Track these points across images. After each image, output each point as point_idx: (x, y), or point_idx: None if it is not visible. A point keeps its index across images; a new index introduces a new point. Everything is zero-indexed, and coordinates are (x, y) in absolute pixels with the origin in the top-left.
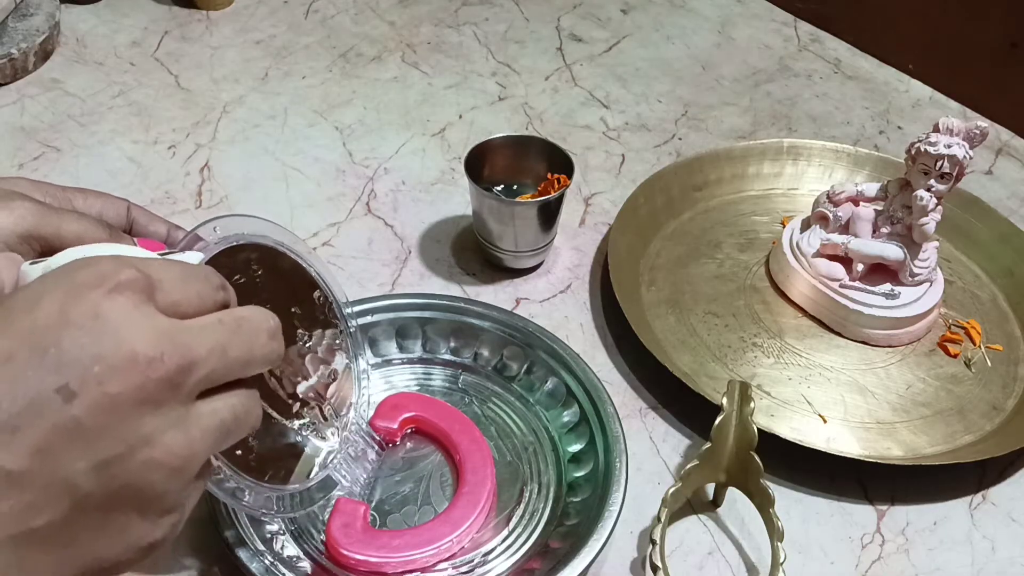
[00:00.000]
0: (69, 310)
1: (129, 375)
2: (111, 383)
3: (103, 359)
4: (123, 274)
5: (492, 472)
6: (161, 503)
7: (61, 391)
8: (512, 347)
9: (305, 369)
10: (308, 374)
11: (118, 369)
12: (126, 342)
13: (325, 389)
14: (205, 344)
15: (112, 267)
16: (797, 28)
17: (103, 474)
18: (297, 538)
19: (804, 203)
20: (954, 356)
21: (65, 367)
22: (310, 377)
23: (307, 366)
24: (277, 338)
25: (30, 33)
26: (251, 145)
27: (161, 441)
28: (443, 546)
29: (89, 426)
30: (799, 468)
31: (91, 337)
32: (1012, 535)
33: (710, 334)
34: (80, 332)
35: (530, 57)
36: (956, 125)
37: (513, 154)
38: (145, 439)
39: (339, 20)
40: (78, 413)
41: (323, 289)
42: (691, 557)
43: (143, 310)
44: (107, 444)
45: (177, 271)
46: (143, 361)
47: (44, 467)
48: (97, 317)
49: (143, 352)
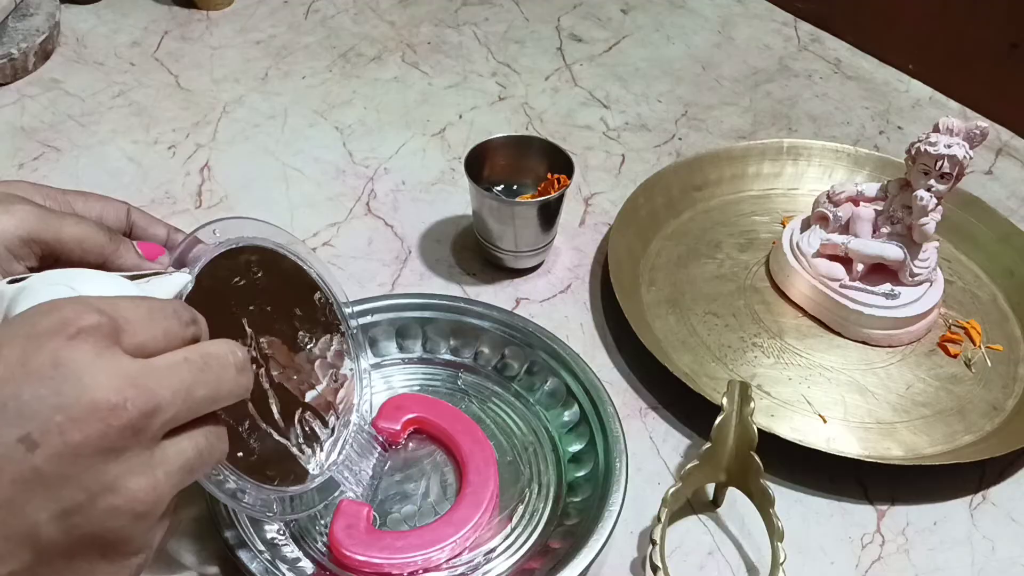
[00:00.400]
0: (29, 360)
1: (90, 424)
2: (72, 432)
3: (64, 409)
4: (84, 320)
5: (495, 473)
6: (126, 547)
7: (23, 440)
8: (512, 347)
9: (315, 375)
10: (318, 380)
11: (79, 419)
12: (87, 391)
13: (334, 395)
14: (170, 386)
15: (74, 313)
16: (797, 28)
17: (66, 523)
18: (299, 539)
19: (804, 203)
20: (954, 356)
21: (26, 418)
22: (319, 383)
23: (316, 372)
24: (245, 372)
25: (30, 33)
26: (251, 145)
27: (125, 487)
28: (446, 547)
29: (51, 476)
30: (799, 468)
31: (52, 387)
32: (1012, 535)
33: (710, 334)
34: (40, 382)
35: (530, 57)
36: (956, 125)
37: (513, 154)
38: (108, 486)
39: (339, 20)
40: (40, 463)
41: (324, 291)
42: (691, 557)
43: (105, 356)
44: (69, 493)
45: (143, 310)
46: (105, 409)
47: (6, 518)
48: (58, 366)
49: (104, 400)
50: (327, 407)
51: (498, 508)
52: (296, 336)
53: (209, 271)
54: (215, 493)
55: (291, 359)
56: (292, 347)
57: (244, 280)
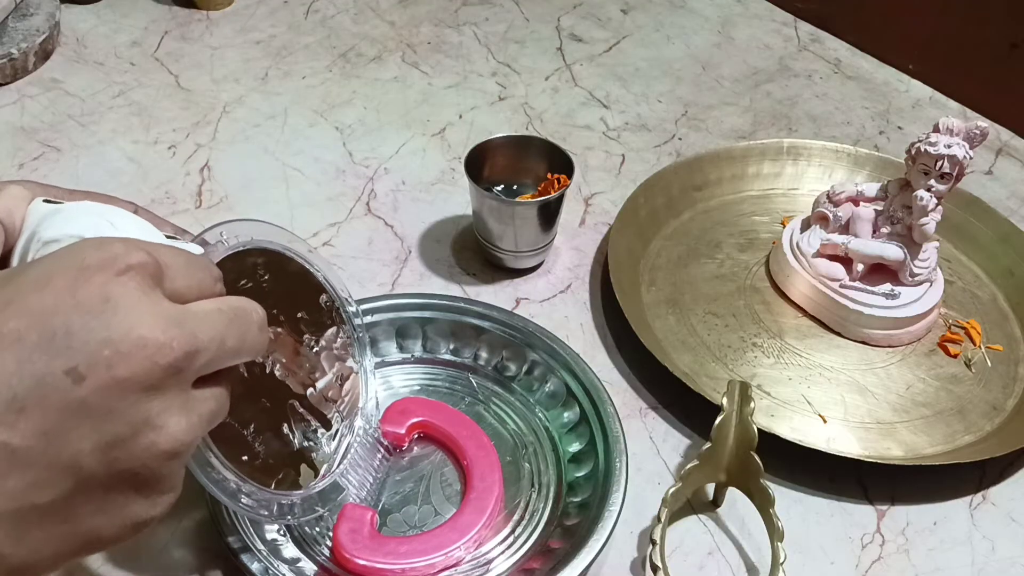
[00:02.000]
0: (79, 292)
1: (137, 360)
2: (120, 367)
3: (112, 343)
4: (133, 257)
5: (500, 478)
6: (160, 484)
7: (70, 373)
8: (512, 347)
9: (321, 367)
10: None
11: (126, 354)
12: (135, 327)
13: (339, 390)
14: (206, 332)
15: (123, 249)
16: (797, 28)
17: (107, 455)
18: (303, 543)
19: (804, 203)
20: (954, 356)
21: (74, 350)
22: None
23: (323, 363)
24: (264, 331)
25: (30, 33)
26: (251, 145)
27: (164, 425)
28: (451, 553)
29: (96, 408)
30: (799, 468)
31: (101, 321)
32: (1012, 535)
33: (710, 334)
34: (90, 316)
35: (530, 57)
36: (956, 125)
37: (513, 154)
38: (149, 423)
39: (339, 20)
40: (86, 395)
41: (330, 293)
42: (691, 557)
43: (151, 295)
44: (112, 426)
45: (183, 258)
46: (152, 346)
47: (49, 447)
48: (107, 301)
49: (152, 337)
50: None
51: (503, 514)
52: (302, 338)
53: None
54: (218, 496)
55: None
56: (297, 350)
57: (251, 282)
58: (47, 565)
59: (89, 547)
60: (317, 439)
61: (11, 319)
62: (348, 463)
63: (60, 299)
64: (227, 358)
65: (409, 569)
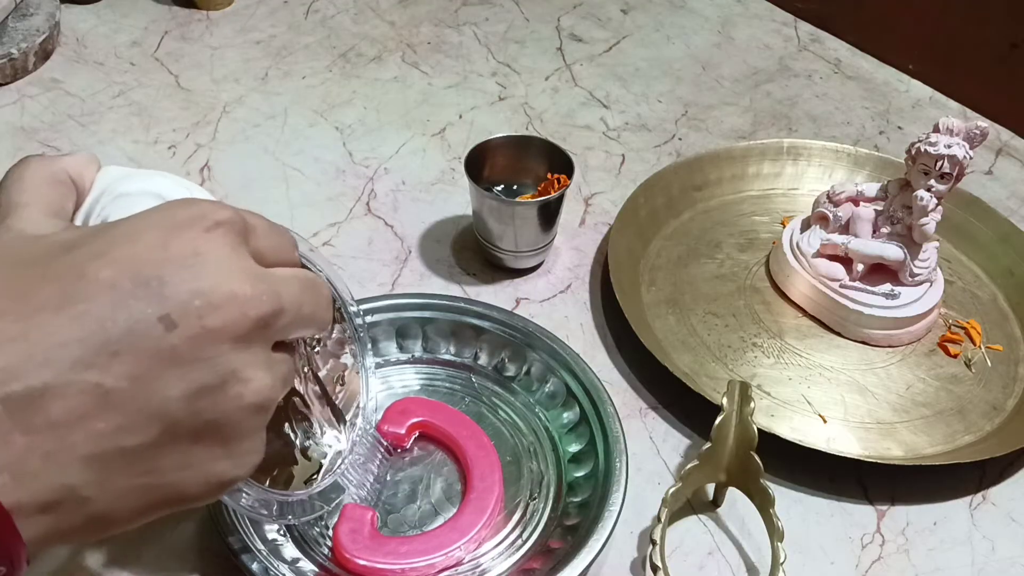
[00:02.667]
0: (170, 245)
1: (228, 311)
2: (211, 317)
3: (203, 294)
4: (221, 214)
5: (500, 478)
6: (243, 440)
7: (163, 320)
8: (512, 347)
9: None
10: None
11: (217, 305)
12: (226, 280)
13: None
14: (289, 294)
15: (211, 208)
16: (797, 28)
17: (194, 404)
18: (302, 543)
19: (804, 203)
20: (954, 356)
21: (167, 299)
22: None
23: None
24: (331, 307)
25: (30, 33)
26: (251, 145)
27: (251, 378)
28: (451, 553)
29: (186, 356)
30: (799, 468)
31: (192, 273)
32: (1012, 535)
33: (710, 334)
34: (181, 267)
35: (530, 57)
36: (956, 125)
37: (513, 154)
38: (236, 375)
39: (339, 20)
40: (177, 343)
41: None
42: (691, 557)
43: (238, 251)
44: (201, 375)
45: (265, 222)
46: (242, 299)
47: (139, 391)
48: (198, 254)
49: (242, 291)
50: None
51: (503, 514)
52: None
53: None
54: None
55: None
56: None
57: None
58: (128, 517)
59: (171, 502)
60: (318, 439)
61: (105, 268)
62: (348, 463)
63: (152, 251)
64: (302, 324)
65: (409, 569)
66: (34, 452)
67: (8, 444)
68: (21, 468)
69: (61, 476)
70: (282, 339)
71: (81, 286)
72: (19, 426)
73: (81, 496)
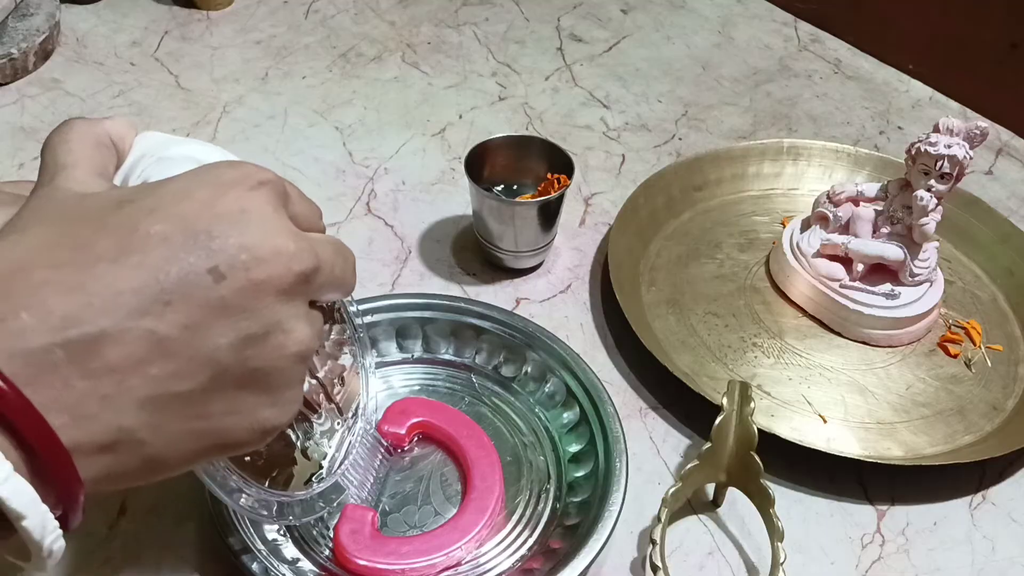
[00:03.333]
0: (218, 203)
1: (273, 266)
2: (257, 270)
3: (249, 248)
4: (264, 175)
5: (500, 478)
6: (285, 387)
7: (212, 272)
8: (512, 347)
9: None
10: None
11: (263, 259)
12: (270, 236)
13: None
14: (326, 254)
15: (255, 169)
16: (797, 28)
17: (242, 352)
18: (303, 543)
19: (804, 203)
20: (954, 356)
21: (215, 252)
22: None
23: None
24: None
25: (30, 33)
26: (251, 145)
27: (293, 328)
28: (452, 553)
29: (234, 306)
30: (799, 468)
31: (239, 228)
32: (1012, 535)
33: (710, 334)
34: (228, 223)
35: (530, 57)
36: (956, 125)
37: (513, 154)
38: (279, 325)
39: (339, 20)
40: (226, 294)
41: None
42: (691, 557)
43: (280, 211)
44: (248, 324)
45: (297, 189)
46: (286, 255)
47: (192, 339)
48: (244, 211)
49: (285, 247)
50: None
51: (504, 513)
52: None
53: None
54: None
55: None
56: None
57: None
58: (180, 460)
59: (220, 447)
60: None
61: (157, 223)
62: (349, 463)
63: (201, 208)
64: (335, 286)
65: (410, 569)
66: (92, 395)
67: (68, 387)
68: (80, 410)
69: (118, 418)
70: (316, 298)
71: (135, 239)
72: (79, 370)
73: (136, 438)
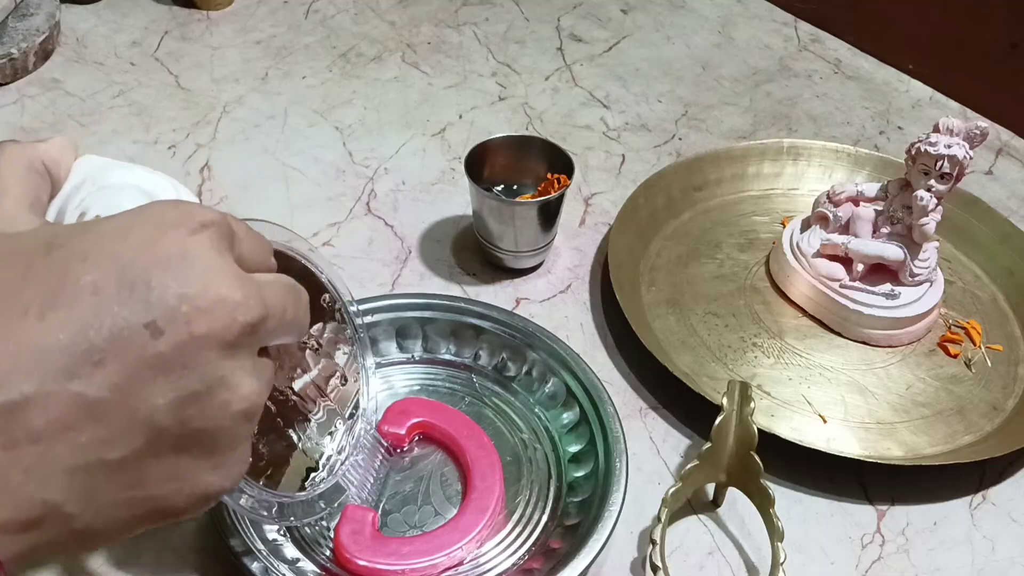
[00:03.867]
0: (156, 247)
1: (215, 317)
2: (198, 323)
3: (190, 299)
4: (208, 216)
5: (500, 478)
6: (229, 449)
7: (148, 326)
8: (512, 347)
9: (305, 362)
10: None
11: (205, 310)
12: (213, 284)
13: (325, 383)
14: (274, 298)
15: (199, 209)
16: (797, 28)
17: (180, 413)
18: (303, 544)
19: (804, 203)
20: (954, 356)
21: (152, 304)
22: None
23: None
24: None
25: (30, 33)
26: (251, 145)
27: (238, 384)
28: (452, 553)
29: (172, 363)
30: (799, 468)
31: (179, 276)
32: (1012, 535)
33: (710, 334)
34: (167, 270)
35: (530, 57)
36: (956, 125)
37: (513, 154)
38: (223, 381)
39: (339, 20)
40: (164, 350)
41: (332, 293)
42: (691, 557)
43: (224, 255)
44: (187, 382)
45: (243, 226)
46: (230, 304)
47: (125, 400)
48: (184, 257)
49: (230, 296)
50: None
51: (504, 513)
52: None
53: None
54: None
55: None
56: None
57: None
58: (113, 532)
59: (157, 516)
60: (319, 440)
61: (89, 271)
62: (349, 464)
63: (138, 253)
64: (285, 330)
65: (410, 570)
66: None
67: None
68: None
69: (42, 491)
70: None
71: (65, 290)
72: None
73: (64, 512)
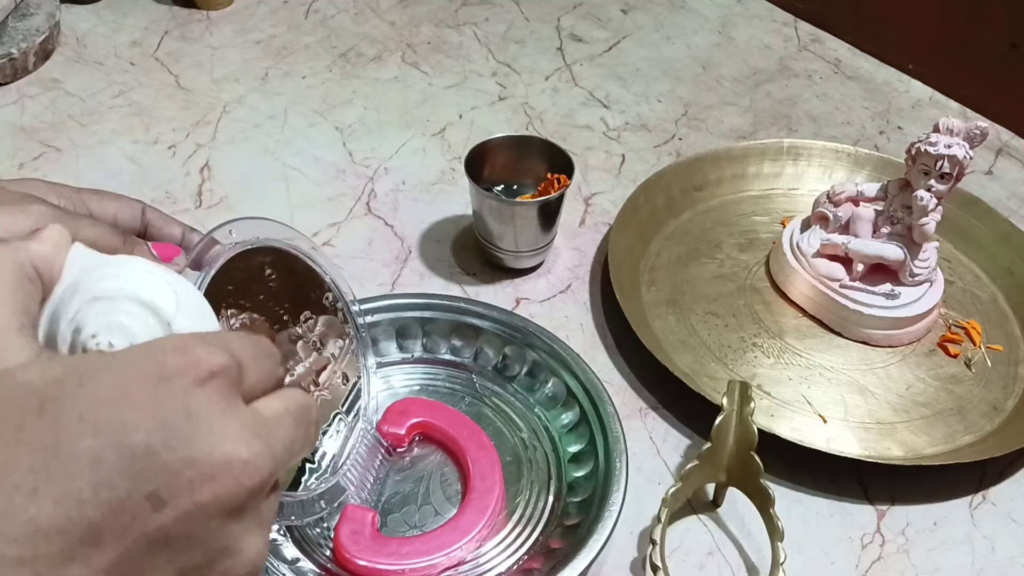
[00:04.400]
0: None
1: (222, 482)
2: (202, 491)
3: (195, 463)
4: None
5: (500, 478)
6: None
7: (151, 498)
8: (512, 347)
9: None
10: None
11: (210, 476)
12: (219, 445)
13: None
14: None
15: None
16: (797, 28)
17: None
18: (303, 543)
19: (804, 203)
20: (954, 356)
21: (155, 473)
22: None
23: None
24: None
25: (30, 33)
26: (251, 145)
27: (243, 550)
28: (452, 553)
29: (176, 537)
30: (799, 468)
31: (183, 438)
32: (1012, 535)
33: (710, 334)
34: (171, 433)
35: (530, 57)
36: (956, 125)
37: (513, 154)
38: (227, 549)
39: (339, 20)
40: (166, 523)
41: (335, 292)
42: (691, 557)
43: (232, 404)
44: (190, 556)
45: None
46: (238, 467)
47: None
48: (190, 416)
49: (237, 456)
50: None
51: (504, 513)
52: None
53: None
54: None
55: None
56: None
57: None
58: None
59: None
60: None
61: (86, 437)
62: (349, 464)
63: (139, 414)
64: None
65: (410, 570)
66: None
67: None
68: None
69: None
70: None
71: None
72: None
73: None
